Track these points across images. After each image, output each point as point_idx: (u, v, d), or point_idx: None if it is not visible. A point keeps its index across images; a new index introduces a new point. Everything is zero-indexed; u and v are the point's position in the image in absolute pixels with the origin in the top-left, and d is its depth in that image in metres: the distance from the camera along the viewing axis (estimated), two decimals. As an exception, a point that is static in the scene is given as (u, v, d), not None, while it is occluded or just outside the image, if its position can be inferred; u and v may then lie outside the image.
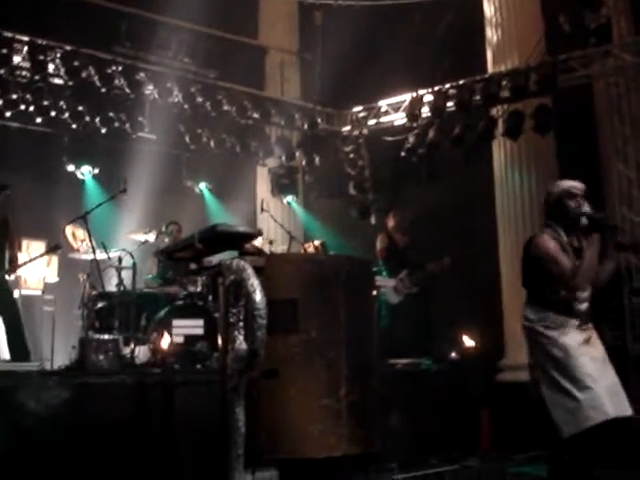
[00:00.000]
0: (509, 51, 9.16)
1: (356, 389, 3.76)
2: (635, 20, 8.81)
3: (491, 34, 9.41)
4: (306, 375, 3.71)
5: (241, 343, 3.08)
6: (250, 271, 3.07)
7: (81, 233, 7.75)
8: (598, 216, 4.48)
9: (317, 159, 10.86)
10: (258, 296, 2.99)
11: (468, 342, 8.39)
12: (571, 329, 4.50)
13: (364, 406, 3.81)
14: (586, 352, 4.47)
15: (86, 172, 9.69)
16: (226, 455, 3.09)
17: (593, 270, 4.49)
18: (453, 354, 8.48)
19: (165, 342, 6.99)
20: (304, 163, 10.97)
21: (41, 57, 8.61)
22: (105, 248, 7.68)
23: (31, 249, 8.85)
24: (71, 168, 9.67)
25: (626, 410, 4.43)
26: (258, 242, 7.50)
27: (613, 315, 7.70)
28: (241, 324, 3.10)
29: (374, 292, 7.21)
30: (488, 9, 9.47)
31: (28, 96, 8.88)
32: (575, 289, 4.47)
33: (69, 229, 7.98)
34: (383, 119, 10.63)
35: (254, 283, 3.02)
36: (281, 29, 11.50)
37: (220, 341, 3.60)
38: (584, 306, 4.57)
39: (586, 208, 4.50)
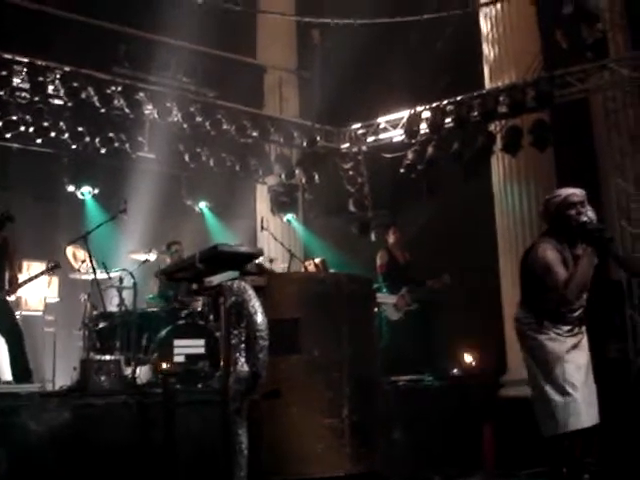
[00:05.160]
0: (506, 67, 9.21)
1: (359, 408, 3.76)
2: (631, 34, 8.85)
3: (488, 50, 9.46)
4: (308, 395, 3.71)
5: (243, 365, 3.08)
6: (251, 292, 3.07)
7: (82, 253, 7.75)
8: (592, 227, 4.48)
9: (316, 176, 10.86)
10: (259, 318, 3.00)
11: (469, 358, 8.38)
12: (560, 335, 4.54)
13: (367, 425, 3.81)
14: (572, 359, 4.52)
15: (86, 192, 9.69)
16: (230, 476, 3.08)
17: (585, 282, 4.52)
18: (455, 370, 8.48)
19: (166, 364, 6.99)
20: (303, 181, 10.95)
21: (40, 78, 8.61)
22: (106, 268, 7.67)
23: (32, 270, 8.81)
24: (71, 188, 9.68)
25: (597, 420, 4.51)
26: (259, 260, 7.49)
27: (616, 329, 7.69)
28: (243, 346, 3.10)
29: (375, 309, 7.22)
30: (484, 25, 9.54)
31: (28, 117, 8.87)
32: (566, 300, 4.50)
33: (70, 249, 8.00)
34: (382, 136, 10.62)
35: (255, 305, 3.03)
36: (279, 48, 11.52)
37: (222, 363, 3.59)
38: (576, 313, 4.59)
39: (584, 217, 4.47)
